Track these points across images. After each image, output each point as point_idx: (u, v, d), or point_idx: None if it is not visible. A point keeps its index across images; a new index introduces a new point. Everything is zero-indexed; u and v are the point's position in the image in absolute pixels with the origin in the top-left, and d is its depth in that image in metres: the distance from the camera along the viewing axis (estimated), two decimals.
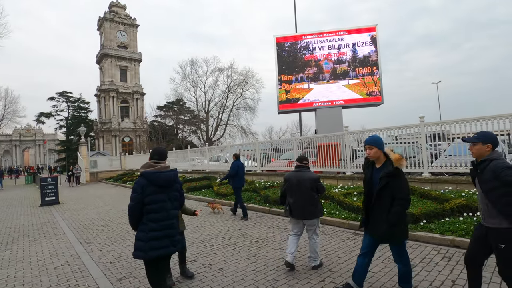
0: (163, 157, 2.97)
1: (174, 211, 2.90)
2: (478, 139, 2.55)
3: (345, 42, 11.80)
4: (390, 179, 2.90)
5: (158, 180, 2.78)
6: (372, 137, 3.17)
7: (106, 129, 45.74)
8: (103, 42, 48.19)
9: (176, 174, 2.95)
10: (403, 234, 3.00)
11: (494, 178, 2.37)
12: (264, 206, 8.57)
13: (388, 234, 2.92)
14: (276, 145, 13.21)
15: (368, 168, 3.18)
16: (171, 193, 2.88)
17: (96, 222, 8.25)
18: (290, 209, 4.22)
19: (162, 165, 2.87)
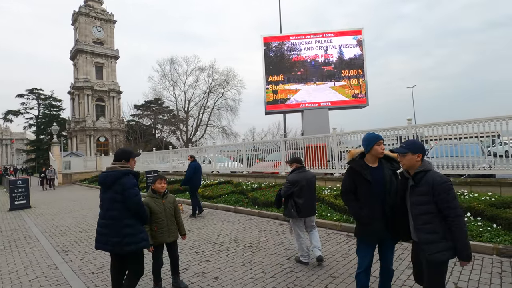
0: (116, 158, 3.15)
1: (111, 212, 2.98)
2: (408, 148, 2.45)
3: (332, 44, 11.86)
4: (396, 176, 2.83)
5: (99, 180, 3.10)
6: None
7: (80, 128, 43.68)
8: (77, 38, 46.08)
9: (114, 176, 2.97)
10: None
11: (429, 192, 2.32)
12: (252, 209, 8.37)
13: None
14: (263, 146, 13.05)
15: (366, 169, 2.86)
16: (110, 194, 2.99)
17: (73, 228, 7.69)
18: (299, 209, 4.27)
19: (109, 166, 3.13)
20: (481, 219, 5.26)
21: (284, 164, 10.69)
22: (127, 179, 2.97)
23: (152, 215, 3.33)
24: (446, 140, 7.96)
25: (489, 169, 6.81)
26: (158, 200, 3.45)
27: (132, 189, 2.97)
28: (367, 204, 2.83)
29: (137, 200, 2.98)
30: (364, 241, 2.94)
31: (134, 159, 3.24)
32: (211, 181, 12.72)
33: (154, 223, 3.34)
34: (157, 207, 3.39)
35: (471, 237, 4.84)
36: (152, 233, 3.32)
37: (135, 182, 3.02)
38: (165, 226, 3.42)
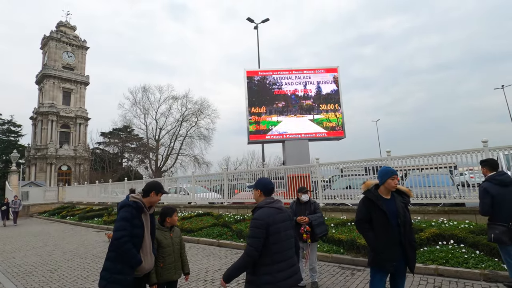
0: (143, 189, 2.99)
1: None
2: (255, 185, 2.70)
3: (310, 80, 12.58)
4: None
5: None
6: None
7: (40, 156, 40.66)
8: (46, 62, 44.47)
9: (119, 205, 2.87)
10: None
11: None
12: (238, 242, 8.12)
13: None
14: (245, 175, 12.95)
15: (380, 200, 3.11)
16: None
17: (39, 267, 6.91)
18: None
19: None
20: (464, 245, 5.55)
21: None
22: (123, 211, 2.76)
23: (159, 249, 3.09)
24: (415, 171, 8.54)
25: (459, 198, 7.32)
26: (166, 233, 3.22)
27: (118, 222, 2.69)
28: (382, 234, 2.95)
29: (117, 235, 2.61)
30: (379, 270, 2.99)
31: (156, 194, 2.91)
32: (189, 213, 12.22)
33: (160, 258, 3.08)
34: (165, 240, 3.16)
35: (457, 264, 5.06)
36: (158, 269, 3.04)
37: (127, 216, 2.67)
38: (172, 262, 3.17)
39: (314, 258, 4.76)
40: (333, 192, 9.31)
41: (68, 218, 17.24)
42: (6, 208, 17.84)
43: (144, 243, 2.77)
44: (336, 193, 9.15)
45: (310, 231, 4.62)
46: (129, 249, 2.60)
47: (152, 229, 2.95)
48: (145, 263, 2.76)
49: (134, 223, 2.69)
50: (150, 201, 2.87)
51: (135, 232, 2.68)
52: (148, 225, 2.87)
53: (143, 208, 2.79)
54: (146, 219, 2.84)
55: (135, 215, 2.72)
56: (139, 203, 2.78)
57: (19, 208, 17.80)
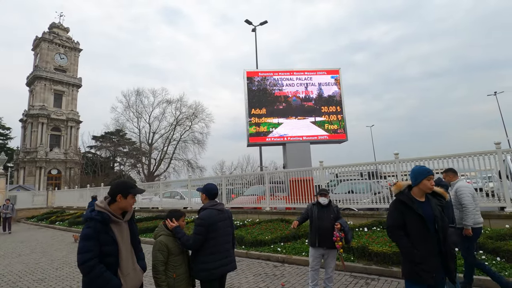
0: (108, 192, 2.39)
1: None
2: (202, 190, 3.21)
3: (312, 82, 12.31)
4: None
5: None
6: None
7: (29, 159, 39.56)
8: (37, 63, 43.59)
9: (83, 218, 2.35)
10: None
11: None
12: (239, 249, 7.67)
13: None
14: (244, 179, 12.54)
15: (416, 202, 2.77)
16: None
17: (25, 277, 6.36)
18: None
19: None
20: (483, 252, 5.24)
21: (269, 199, 10.27)
22: (84, 227, 2.18)
23: (170, 258, 2.69)
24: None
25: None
26: (175, 239, 2.82)
27: (80, 242, 2.14)
28: (419, 241, 2.62)
29: (81, 259, 2.07)
30: (417, 283, 2.63)
31: (125, 198, 2.28)
32: (185, 219, 11.72)
33: (171, 268, 2.68)
34: (176, 248, 2.76)
35: (478, 272, 4.75)
36: (170, 281, 2.64)
37: (89, 233, 2.11)
38: (185, 272, 2.77)
39: (333, 266, 4.38)
40: (337, 197, 8.96)
41: (57, 224, 16.50)
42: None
43: (122, 260, 2.22)
44: (341, 198, 8.81)
45: (343, 238, 4.15)
46: (99, 274, 2.08)
47: (133, 238, 2.39)
48: (127, 284, 2.21)
49: (102, 239, 2.14)
50: (119, 207, 2.27)
51: (106, 251, 2.14)
52: (126, 236, 2.31)
53: (112, 218, 2.21)
54: (120, 230, 2.27)
55: (102, 229, 2.15)
56: (105, 213, 2.19)
57: (12, 214, 15.36)
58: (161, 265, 2.63)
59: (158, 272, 2.61)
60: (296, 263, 6.45)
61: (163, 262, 2.65)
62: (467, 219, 4.10)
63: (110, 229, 2.20)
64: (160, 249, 2.67)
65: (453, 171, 4.59)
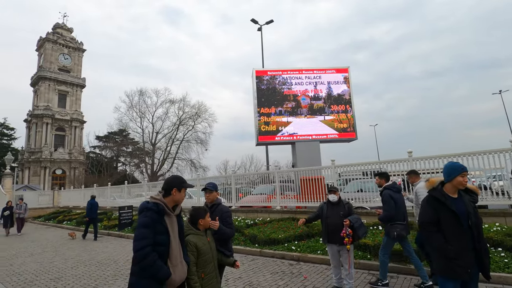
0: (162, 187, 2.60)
1: None
2: (214, 187, 3.56)
3: (321, 80, 12.28)
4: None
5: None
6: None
7: (34, 159, 39.73)
8: (41, 64, 43.78)
9: (139, 209, 2.46)
10: None
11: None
12: (252, 248, 7.67)
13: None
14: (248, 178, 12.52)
15: (449, 199, 2.74)
16: None
17: (41, 276, 6.37)
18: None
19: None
20: (502, 249, 5.21)
21: (279, 198, 10.25)
22: (142, 216, 2.32)
23: (199, 258, 2.61)
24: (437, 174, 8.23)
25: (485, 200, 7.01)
26: (203, 237, 2.74)
27: (138, 229, 2.29)
28: (453, 237, 2.61)
29: (138, 246, 2.21)
30: (451, 279, 2.62)
31: (179, 191, 2.45)
32: None
33: (201, 267, 2.61)
34: (204, 246, 2.68)
35: (498, 269, 4.71)
36: (199, 281, 2.56)
37: (147, 222, 2.26)
38: (213, 270, 2.71)
39: (349, 263, 4.39)
40: (348, 196, 8.92)
41: (65, 223, 16.57)
42: (10, 213, 14.34)
43: (172, 251, 2.34)
44: (352, 196, 8.78)
45: (352, 235, 4.22)
46: (153, 261, 2.19)
47: (181, 233, 2.50)
48: (175, 274, 2.31)
49: (157, 229, 2.28)
50: (173, 200, 2.43)
51: (159, 240, 2.27)
52: (175, 229, 2.43)
53: (166, 210, 2.36)
54: (172, 223, 2.40)
55: (157, 219, 2.30)
56: (161, 205, 2.35)
57: (24, 214, 14.78)
58: (193, 265, 2.54)
59: (191, 272, 2.50)
60: (312, 261, 6.44)
61: (194, 263, 2.56)
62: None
63: (164, 220, 2.34)
64: (190, 249, 2.58)
65: (415, 172, 5.09)
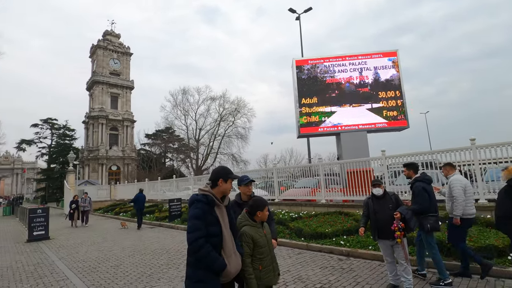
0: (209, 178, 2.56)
1: None
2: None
3: (366, 66, 11.53)
4: None
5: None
6: None
7: (92, 157, 43.67)
8: (95, 69, 47.60)
9: (189, 202, 2.47)
10: None
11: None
12: (298, 241, 7.51)
13: None
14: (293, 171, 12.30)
15: None
16: None
17: (103, 263, 6.89)
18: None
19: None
20: None
21: (324, 191, 9.91)
22: (192, 207, 2.32)
23: (255, 250, 2.58)
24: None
25: None
26: (259, 230, 2.69)
27: (189, 221, 2.28)
28: None
29: (191, 237, 2.20)
30: None
31: (225, 182, 2.43)
32: None
33: (257, 260, 2.57)
34: (261, 238, 2.63)
35: None
36: (257, 273, 2.53)
37: (198, 213, 2.25)
38: (270, 263, 2.65)
39: (405, 257, 4.10)
40: (399, 189, 8.28)
41: (121, 215, 17.92)
42: (76, 206, 15.14)
43: (225, 242, 2.33)
44: (404, 189, 8.12)
45: (403, 227, 3.97)
46: (207, 253, 2.19)
47: (231, 223, 2.48)
48: (230, 265, 2.30)
49: (208, 220, 2.28)
50: (220, 191, 2.42)
51: (211, 231, 2.27)
52: (226, 220, 2.42)
53: (215, 201, 2.36)
54: (222, 213, 2.40)
55: (207, 210, 2.30)
56: (209, 196, 2.36)
57: (89, 207, 15.59)
58: (247, 257, 2.52)
59: (245, 264, 2.49)
60: (363, 257, 6.10)
61: (249, 255, 2.54)
62: (455, 210, 4.42)
63: (214, 211, 2.34)
64: (245, 241, 2.55)
65: (451, 165, 4.98)
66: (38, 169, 63.81)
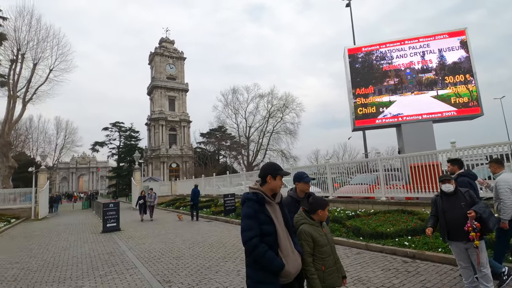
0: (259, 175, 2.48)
1: None
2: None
3: (429, 49, 10.37)
4: None
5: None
6: None
7: (155, 155, 47.44)
8: (153, 75, 51.42)
9: (241, 201, 2.42)
10: None
11: None
12: (356, 240, 7.09)
13: None
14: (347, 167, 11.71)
15: None
16: None
17: (166, 254, 7.37)
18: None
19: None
20: None
21: (384, 188, 9.23)
22: (244, 207, 2.27)
23: (316, 249, 2.47)
24: None
25: None
26: (318, 228, 2.59)
27: (242, 221, 2.24)
28: None
29: (245, 237, 2.16)
30: None
31: (274, 178, 2.31)
32: None
33: (319, 260, 2.46)
34: (321, 238, 2.53)
35: None
36: (320, 274, 2.43)
37: (249, 212, 2.20)
38: (333, 264, 2.53)
39: (486, 261, 3.57)
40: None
41: (181, 209, 19.12)
42: (144, 201, 16.11)
43: (281, 241, 2.23)
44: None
45: (479, 228, 3.46)
46: (263, 253, 2.12)
47: (286, 221, 2.35)
48: (289, 265, 2.19)
49: (261, 219, 2.20)
50: (270, 188, 2.31)
51: (265, 230, 2.19)
52: (279, 218, 2.31)
53: (266, 199, 2.27)
54: (274, 211, 2.30)
55: (259, 209, 2.23)
56: (259, 193, 2.28)
57: (154, 202, 16.43)
58: (308, 256, 2.43)
59: (307, 263, 2.40)
60: (431, 259, 5.50)
61: (310, 253, 2.44)
62: (503, 213, 4.12)
63: (266, 209, 2.26)
64: (304, 239, 2.46)
65: (498, 161, 4.55)
66: (109, 167, 71.58)
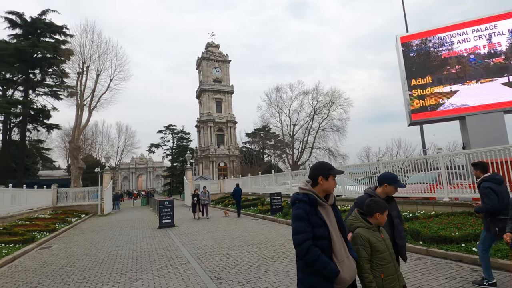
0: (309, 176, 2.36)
1: None
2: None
3: (497, 30, 9.13)
4: None
5: None
6: None
7: (204, 155, 49.56)
8: (201, 79, 53.68)
9: (291, 202, 2.27)
10: None
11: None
12: (415, 245, 6.53)
13: None
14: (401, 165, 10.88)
15: None
16: None
17: (216, 251, 7.61)
18: None
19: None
20: None
21: (447, 187, 8.38)
22: (294, 208, 2.15)
23: (373, 255, 2.30)
24: None
25: None
26: (376, 233, 2.40)
27: (293, 223, 2.11)
28: None
29: (296, 240, 2.04)
30: None
31: (327, 179, 2.16)
32: (340, 207, 11.22)
33: (378, 267, 2.29)
34: (379, 243, 2.34)
35: None
36: (378, 282, 2.26)
37: (300, 214, 2.06)
38: (394, 271, 2.33)
39: None
40: None
41: (229, 206, 19.65)
42: (197, 199, 15.84)
43: (335, 245, 2.09)
44: None
45: None
46: (317, 257, 2.00)
47: (340, 224, 2.19)
48: (344, 271, 2.04)
49: (313, 221, 2.07)
50: (322, 189, 2.16)
51: (317, 233, 2.05)
52: (333, 221, 2.17)
53: (318, 201, 2.12)
54: (328, 214, 2.15)
55: (311, 211, 2.09)
56: (311, 195, 2.13)
57: (208, 200, 16.06)
58: (366, 262, 2.25)
59: (364, 270, 2.24)
60: (506, 269, 4.83)
61: (367, 260, 2.27)
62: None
63: (318, 211, 2.12)
64: (361, 244, 2.29)
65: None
66: (164, 167, 76.64)
